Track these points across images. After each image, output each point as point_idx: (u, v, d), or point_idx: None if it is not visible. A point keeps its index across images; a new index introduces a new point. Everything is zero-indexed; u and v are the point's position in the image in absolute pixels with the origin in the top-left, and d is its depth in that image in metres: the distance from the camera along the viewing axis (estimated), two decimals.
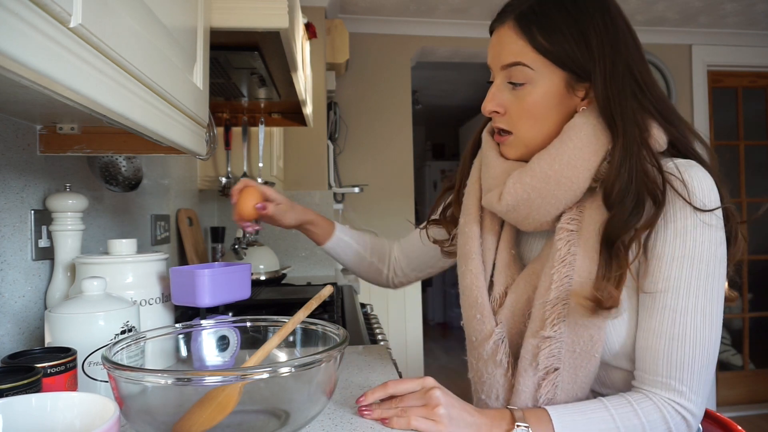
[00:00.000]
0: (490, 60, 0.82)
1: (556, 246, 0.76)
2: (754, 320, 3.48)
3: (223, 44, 1.11)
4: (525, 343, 0.78)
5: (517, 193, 0.78)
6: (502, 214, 0.83)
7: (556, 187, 0.76)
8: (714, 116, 3.49)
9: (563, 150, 0.75)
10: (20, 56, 0.37)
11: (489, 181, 0.85)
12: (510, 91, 0.80)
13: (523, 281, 0.81)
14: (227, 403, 0.59)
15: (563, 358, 0.75)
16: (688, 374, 0.72)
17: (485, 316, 0.82)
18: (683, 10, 3.06)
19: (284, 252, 2.61)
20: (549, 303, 0.75)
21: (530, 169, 0.78)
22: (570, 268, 0.75)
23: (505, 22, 0.79)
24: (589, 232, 0.75)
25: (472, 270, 0.85)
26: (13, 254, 0.90)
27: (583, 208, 0.77)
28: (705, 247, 0.72)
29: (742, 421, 3.12)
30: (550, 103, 0.78)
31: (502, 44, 0.79)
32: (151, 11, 0.63)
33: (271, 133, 2.20)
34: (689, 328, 0.72)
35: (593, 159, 0.75)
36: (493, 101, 0.80)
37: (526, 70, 0.77)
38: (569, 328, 0.74)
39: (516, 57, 0.77)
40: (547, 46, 0.76)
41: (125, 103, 0.56)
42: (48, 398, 0.51)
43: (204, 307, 0.92)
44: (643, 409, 0.72)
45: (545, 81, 0.77)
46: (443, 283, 6.03)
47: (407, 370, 3.02)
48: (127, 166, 1.17)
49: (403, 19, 3.14)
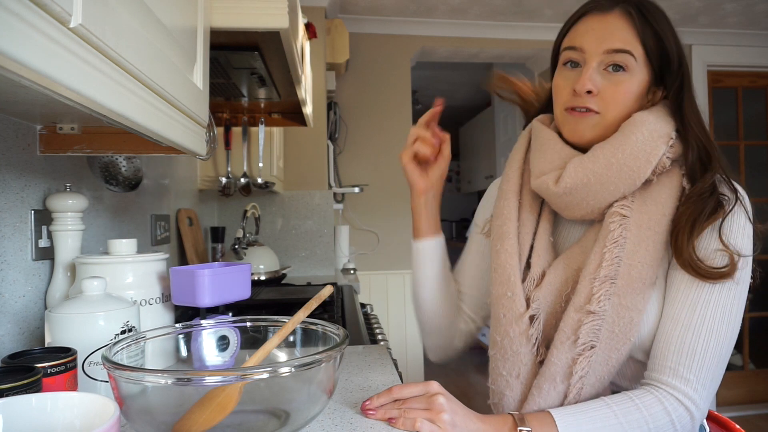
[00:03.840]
0: (589, 42, 0.83)
1: (609, 228, 0.80)
2: (754, 320, 3.48)
3: (223, 44, 1.11)
4: (566, 318, 0.79)
5: (578, 177, 0.81)
6: (556, 197, 0.84)
7: (618, 175, 0.80)
8: (714, 116, 3.48)
9: (627, 142, 0.80)
10: (20, 56, 0.37)
11: (544, 164, 0.87)
12: (603, 75, 0.82)
13: (563, 263, 0.84)
14: (227, 403, 0.59)
15: (602, 337, 0.77)
16: (697, 363, 0.74)
17: (516, 294, 0.83)
18: (683, 10, 3.06)
19: (284, 252, 2.61)
20: (598, 279, 0.78)
21: (593, 156, 0.81)
22: (621, 250, 0.78)
23: (614, 10, 0.83)
24: (641, 221, 0.79)
25: (507, 249, 0.86)
26: (13, 254, 0.90)
27: (634, 198, 0.81)
28: (744, 252, 0.77)
29: (742, 421, 3.12)
30: (637, 95, 0.83)
31: (611, 29, 0.82)
32: (151, 11, 0.63)
33: (271, 133, 2.20)
34: (707, 320, 0.75)
35: (655, 152, 0.79)
36: (590, 80, 0.82)
37: (631, 60, 0.81)
38: (613, 308, 0.77)
39: (626, 45, 0.81)
40: (651, 42, 0.82)
41: (125, 103, 0.56)
42: (48, 398, 0.51)
43: (204, 307, 0.92)
44: (645, 403, 0.73)
45: (641, 74, 0.82)
46: None
47: (407, 370, 3.02)
48: (127, 166, 1.17)
49: (403, 19, 3.14)
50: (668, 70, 0.84)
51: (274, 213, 2.63)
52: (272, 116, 1.91)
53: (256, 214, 2.21)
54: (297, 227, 2.65)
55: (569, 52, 0.85)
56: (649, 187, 0.81)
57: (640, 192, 0.82)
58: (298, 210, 2.65)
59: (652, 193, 0.81)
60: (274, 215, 2.63)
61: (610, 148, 0.80)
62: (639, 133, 0.80)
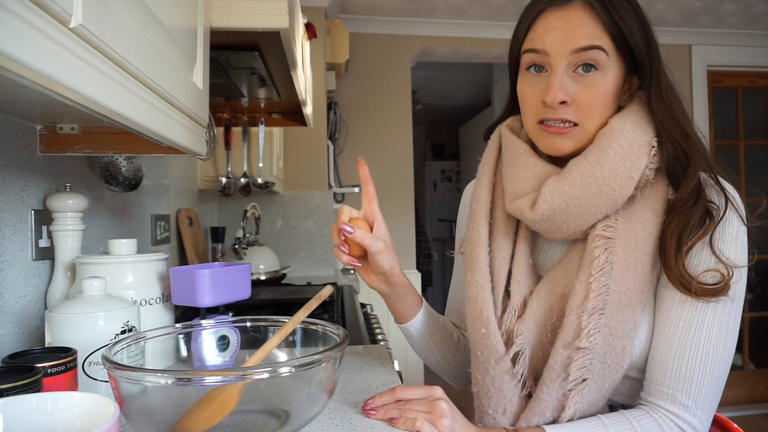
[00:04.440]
0: (552, 43, 0.74)
1: (593, 254, 0.74)
2: (754, 320, 3.47)
3: (223, 44, 1.11)
4: (554, 354, 0.74)
5: (555, 202, 0.74)
6: (534, 223, 0.78)
7: (598, 196, 0.73)
8: (714, 116, 3.48)
9: (605, 157, 0.73)
10: (20, 56, 0.37)
11: (518, 185, 0.80)
12: (574, 78, 0.74)
13: (545, 290, 0.78)
14: (227, 403, 0.59)
15: (594, 369, 0.72)
16: (695, 388, 0.70)
17: (491, 331, 0.77)
18: (683, 10, 3.06)
19: (284, 252, 2.61)
20: (586, 312, 0.72)
21: (569, 177, 0.75)
22: (608, 277, 0.72)
23: (572, 2, 0.74)
24: (628, 241, 0.73)
25: (478, 280, 0.80)
26: (14, 254, 0.90)
27: (618, 217, 0.75)
28: (738, 260, 0.72)
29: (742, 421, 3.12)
30: (614, 93, 0.75)
31: (574, 25, 0.73)
32: (151, 11, 0.63)
33: (271, 133, 2.20)
34: (702, 342, 0.70)
35: (636, 166, 0.72)
36: (561, 90, 0.73)
37: (602, 55, 0.73)
38: (603, 339, 0.72)
39: (593, 40, 0.73)
40: (618, 32, 0.73)
41: (125, 103, 0.56)
42: (48, 398, 0.51)
43: (204, 307, 0.92)
44: (642, 426, 0.70)
45: (614, 68, 0.75)
46: (443, 283, 6.03)
47: (407, 370, 3.02)
48: (127, 166, 1.17)
49: (403, 19, 3.14)
50: (639, 56, 0.75)
51: (274, 213, 2.63)
52: (272, 116, 1.91)
53: (256, 214, 2.21)
54: (297, 227, 2.65)
55: (531, 56, 0.77)
56: (633, 202, 0.75)
57: (624, 209, 0.75)
58: (298, 210, 2.65)
59: (636, 209, 0.75)
60: (274, 215, 2.63)
61: (587, 167, 0.73)
62: (617, 146, 0.72)
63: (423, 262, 4.76)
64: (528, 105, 0.79)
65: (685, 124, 0.75)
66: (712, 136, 3.46)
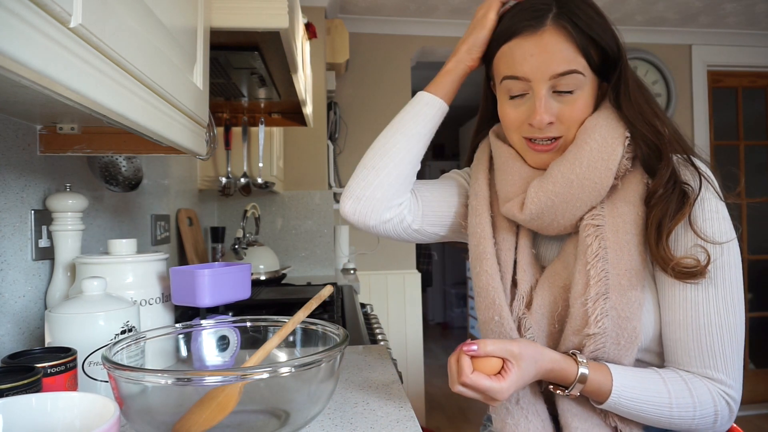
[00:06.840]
0: (532, 70, 0.77)
1: (585, 242, 0.77)
2: (754, 320, 3.47)
3: (223, 44, 1.11)
4: (565, 341, 0.78)
5: (540, 201, 0.79)
6: (525, 223, 0.83)
7: (580, 190, 0.77)
8: (714, 116, 3.48)
9: (582, 153, 0.77)
10: (20, 56, 0.37)
11: (508, 188, 0.85)
12: (555, 98, 0.79)
13: (547, 283, 0.81)
14: (227, 403, 0.59)
15: (608, 351, 0.75)
16: (721, 362, 0.74)
17: (504, 318, 0.80)
18: (683, 10, 3.06)
19: (284, 252, 2.61)
20: (590, 300, 0.75)
21: (551, 176, 0.79)
22: (605, 262, 0.75)
23: (546, 26, 0.76)
24: (617, 225, 0.77)
25: (487, 270, 0.83)
26: (13, 254, 0.90)
27: (604, 205, 0.79)
28: (723, 237, 0.75)
29: (742, 421, 3.12)
30: (592, 102, 0.81)
31: (550, 51, 0.76)
32: (151, 11, 0.63)
33: (271, 133, 2.20)
34: (713, 317, 0.74)
35: (613, 157, 0.77)
36: (547, 112, 0.78)
37: (579, 78, 0.77)
38: (613, 323, 0.74)
39: (570, 64, 0.76)
40: (593, 50, 0.77)
41: (125, 103, 0.56)
42: (48, 398, 0.51)
43: (204, 307, 0.93)
44: (697, 390, 0.73)
45: (590, 83, 0.79)
46: (443, 283, 6.03)
47: (407, 370, 3.02)
48: (127, 166, 1.17)
49: (403, 19, 3.14)
50: (612, 64, 0.80)
51: (274, 213, 2.63)
52: (272, 116, 1.91)
53: (256, 214, 2.21)
54: (297, 227, 2.65)
55: (512, 82, 0.80)
56: (616, 191, 0.79)
57: (608, 197, 0.79)
58: (298, 210, 2.65)
59: (620, 196, 0.79)
60: (274, 215, 2.63)
61: (567, 165, 0.78)
62: (592, 141, 0.77)
63: (423, 262, 4.76)
64: (512, 124, 0.83)
65: (654, 120, 0.78)
66: (712, 136, 3.46)
